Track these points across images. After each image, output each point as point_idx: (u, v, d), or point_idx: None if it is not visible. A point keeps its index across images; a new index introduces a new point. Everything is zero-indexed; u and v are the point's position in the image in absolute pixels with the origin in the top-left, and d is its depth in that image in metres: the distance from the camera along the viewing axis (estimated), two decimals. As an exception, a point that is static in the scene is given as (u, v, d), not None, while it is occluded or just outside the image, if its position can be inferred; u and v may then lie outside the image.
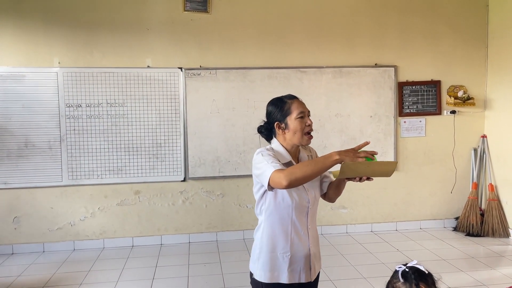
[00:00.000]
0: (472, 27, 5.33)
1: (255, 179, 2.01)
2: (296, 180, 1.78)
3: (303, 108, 2.02)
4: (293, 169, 1.80)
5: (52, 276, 4.12)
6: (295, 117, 1.98)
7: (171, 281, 3.96)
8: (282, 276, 1.98)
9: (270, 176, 1.82)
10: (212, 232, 5.08)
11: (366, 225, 5.35)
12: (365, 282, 3.84)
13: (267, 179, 1.84)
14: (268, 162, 1.88)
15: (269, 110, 2.06)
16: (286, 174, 1.78)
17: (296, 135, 1.99)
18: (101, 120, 4.79)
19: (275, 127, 2.03)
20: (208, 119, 4.94)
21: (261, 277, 1.99)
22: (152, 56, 4.86)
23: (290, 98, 2.05)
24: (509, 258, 4.41)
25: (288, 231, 1.99)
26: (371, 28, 5.18)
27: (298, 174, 1.78)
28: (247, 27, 4.99)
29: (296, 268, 2.00)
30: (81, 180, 4.80)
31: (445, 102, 5.33)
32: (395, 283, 1.63)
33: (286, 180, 1.77)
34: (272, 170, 1.83)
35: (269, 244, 1.99)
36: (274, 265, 1.98)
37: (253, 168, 1.98)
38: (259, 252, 2.01)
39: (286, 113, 2.00)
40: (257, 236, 2.06)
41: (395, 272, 1.64)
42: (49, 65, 4.71)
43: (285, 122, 2.00)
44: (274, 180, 1.82)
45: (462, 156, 5.44)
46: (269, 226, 2.00)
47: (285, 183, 1.78)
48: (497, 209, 5.09)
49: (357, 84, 5.16)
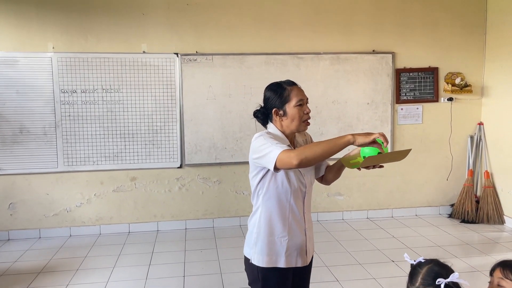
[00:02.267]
0: (470, 14, 5.29)
1: (252, 164, 1.99)
2: (306, 159, 1.75)
3: (302, 96, 1.99)
4: (304, 148, 1.78)
5: (49, 262, 4.12)
6: (294, 104, 1.96)
7: (168, 267, 3.98)
8: (279, 261, 1.98)
9: (278, 156, 1.79)
10: (209, 219, 5.09)
11: (362, 212, 5.37)
12: (360, 268, 3.87)
13: (273, 160, 1.80)
14: (272, 144, 1.85)
15: (267, 95, 2.02)
16: (297, 153, 1.75)
17: (294, 122, 1.97)
18: (96, 106, 4.75)
19: (273, 113, 2.00)
20: (204, 106, 4.91)
21: (259, 262, 1.99)
22: (147, 41, 4.81)
23: (290, 84, 2.01)
24: (504, 245, 4.45)
25: (286, 216, 1.99)
26: (369, 14, 5.14)
27: (309, 153, 1.75)
28: (244, 12, 4.93)
29: (293, 253, 2.01)
30: (77, 167, 4.78)
31: (442, 89, 5.32)
32: None
33: (297, 159, 1.74)
34: (280, 150, 1.80)
35: (267, 228, 1.98)
36: (272, 250, 1.98)
37: (252, 153, 1.95)
38: (256, 237, 2.01)
39: (285, 100, 1.96)
40: (253, 222, 2.04)
41: (436, 286, 1.52)
42: (43, 50, 4.65)
43: (283, 109, 1.97)
44: (283, 159, 1.78)
45: (458, 144, 5.44)
46: (267, 211, 1.99)
47: (295, 162, 1.74)
48: (492, 196, 5.12)
49: (354, 71, 5.13)
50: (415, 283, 1.56)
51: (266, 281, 1.99)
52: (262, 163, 1.91)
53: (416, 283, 1.56)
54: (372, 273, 3.75)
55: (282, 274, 2.00)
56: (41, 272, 3.89)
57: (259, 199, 2.01)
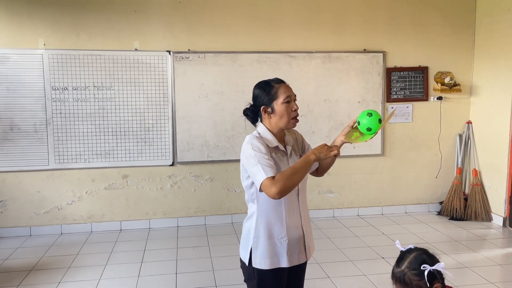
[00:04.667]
0: (459, 14, 5.36)
1: (244, 169, 2.01)
2: (286, 192, 1.85)
3: (290, 93, 2.02)
4: (283, 182, 1.83)
5: (40, 260, 4.11)
6: (282, 101, 1.99)
7: (160, 264, 3.99)
8: (282, 261, 2.01)
9: (262, 183, 1.86)
10: (201, 216, 5.11)
11: (353, 209, 5.42)
12: (351, 265, 3.92)
13: (258, 184, 1.88)
14: (261, 163, 1.89)
15: (256, 93, 2.06)
16: (280, 189, 1.82)
17: (282, 119, 2.00)
18: (88, 103, 4.73)
19: (261, 111, 2.03)
20: (196, 103, 4.92)
21: (262, 265, 2.00)
22: (140, 38, 4.80)
23: (277, 82, 2.04)
24: (491, 241, 4.53)
25: (282, 216, 2.01)
26: (361, 14, 5.18)
27: (288, 185, 1.84)
28: (236, 11, 4.94)
29: (295, 251, 2.04)
30: (68, 164, 4.76)
31: (432, 88, 5.38)
32: (415, 280, 1.61)
33: (278, 193, 1.83)
34: (264, 177, 1.85)
35: (266, 231, 2.00)
36: (273, 251, 2.00)
37: (244, 158, 1.97)
38: (256, 240, 2.01)
39: (273, 97, 1.99)
40: (250, 224, 2.05)
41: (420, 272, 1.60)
42: (34, 47, 4.61)
43: (271, 106, 2.00)
44: (265, 189, 1.86)
45: (447, 142, 5.52)
46: (263, 214, 2.01)
47: (277, 197, 1.84)
48: (480, 194, 5.20)
49: (345, 70, 5.18)
50: (401, 266, 1.64)
51: (262, 279, 2.01)
52: (250, 176, 1.97)
53: (402, 266, 1.64)
54: (363, 270, 3.80)
55: (280, 273, 2.02)
56: (32, 270, 3.87)
57: (254, 203, 2.03)
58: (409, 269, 1.62)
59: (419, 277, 1.59)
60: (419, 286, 1.59)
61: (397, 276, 1.65)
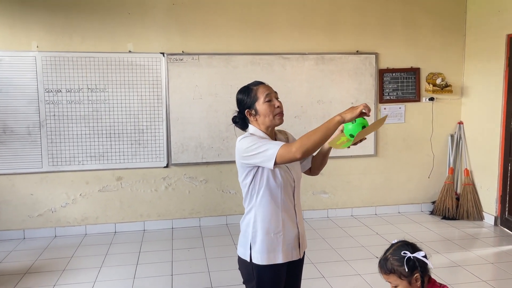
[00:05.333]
0: (450, 16, 5.43)
1: (241, 166, 2.04)
2: (308, 150, 1.83)
3: (269, 91, 2.07)
4: (302, 140, 1.84)
5: (34, 263, 4.09)
6: (263, 101, 2.04)
7: (156, 266, 3.99)
8: (278, 256, 2.04)
9: (278, 152, 1.86)
10: (195, 218, 5.11)
11: (347, 210, 5.46)
12: (346, 265, 3.95)
13: (273, 156, 1.87)
14: (265, 142, 1.93)
15: (238, 99, 2.12)
16: (298, 146, 1.83)
17: (267, 118, 2.05)
18: (82, 105, 4.72)
19: (246, 114, 2.08)
20: (190, 105, 4.93)
21: (259, 260, 2.04)
22: (133, 41, 4.80)
23: (256, 84, 2.10)
24: (483, 240, 4.59)
25: (278, 212, 2.05)
26: (353, 16, 5.23)
27: (309, 143, 1.83)
28: (230, 12, 4.97)
29: (289, 247, 2.07)
30: (62, 166, 4.74)
31: (424, 89, 5.45)
32: (395, 265, 1.74)
33: (300, 151, 1.82)
34: (278, 146, 1.88)
35: (263, 227, 2.04)
36: (270, 247, 2.03)
37: (241, 154, 2.00)
38: (253, 236, 2.05)
39: (253, 99, 2.05)
40: (247, 222, 2.09)
41: (401, 258, 1.73)
42: (26, 49, 4.60)
43: (254, 108, 2.05)
44: (284, 155, 1.86)
45: (439, 142, 5.59)
46: (261, 210, 2.04)
47: (299, 155, 1.83)
48: (472, 193, 5.27)
49: (338, 71, 5.22)
50: (386, 253, 1.80)
51: (261, 278, 2.04)
52: (256, 162, 1.96)
53: (387, 253, 1.80)
54: (357, 269, 3.83)
55: (277, 270, 2.05)
56: (27, 273, 3.86)
57: (253, 199, 2.06)
58: (392, 255, 1.77)
59: (399, 262, 1.72)
60: (399, 272, 1.73)
61: (381, 262, 1.79)
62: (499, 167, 4.94)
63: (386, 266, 1.76)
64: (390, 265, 1.74)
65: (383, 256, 1.80)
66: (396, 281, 1.74)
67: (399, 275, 1.72)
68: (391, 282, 1.76)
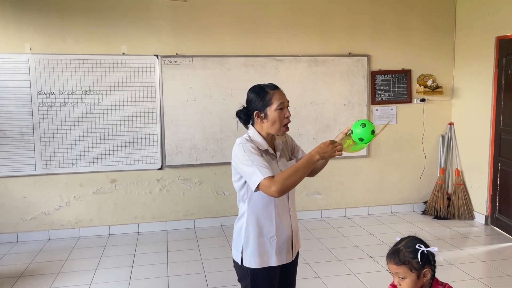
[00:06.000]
0: (440, 18, 5.52)
1: (235, 169, 2.05)
2: (286, 190, 1.89)
3: (284, 99, 2.06)
4: (284, 181, 1.86)
5: (28, 266, 4.07)
6: (275, 108, 2.02)
7: (151, 268, 3.99)
8: (271, 260, 2.06)
9: (260, 183, 1.89)
10: (190, 220, 5.12)
11: (340, 210, 5.51)
12: (340, 264, 3.99)
13: (255, 184, 1.90)
14: (256, 165, 1.92)
15: (250, 97, 2.08)
16: (278, 187, 1.86)
17: (274, 126, 2.04)
18: (75, 108, 4.71)
19: (254, 115, 2.06)
20: (185, 107, 4.94)
21: (251, 263, 2.05)
22: (127, 43, 4.80)
23: (272, 88, 2.07)
24: (474, 239, 4.66)
25: (272, 216, 2.05)
26: (345, 18, 5.28)
27: (289, 185, 1.88)
28: (224, 15, 4.99)
29: (283, 250, 2.09)
30: (55, 169, 4.72)
31: (415, 90, 5.52)
32: (409, 256, 1.73)
33: (278, 191, 1.86)
34: (262, 178, 1.88)
35: (256, 230, 2.05)
36: (262, 251, 2.04)
37: (236, 160, 2.01)
38: (246, 240, 2.06)
39: (267, 103, 2.03)
40: (240, 225, 2.10)
41: (414, 250, 1.73)
42: (19, 51, 4.58)
43: (264, 112, 2.04)
44: (264, 189, 1.89)
45: (430, 143, 5.66)
46: (254, 213, 2.05)
47: (277, 195, 1.87)
48: (462, 193, 5.35)
49: (331, 73, 5.27)
50: (398, 245, 1.79)
51: (254, 279, 2.06)
52: (245, 178, 1.98)
53: (399, 245, 1.78)
54: (352, 269, 3.87)
55: (270, 271, 2.07)
56: (21, 276, 3.84)
57: (245, 202, 2.07)
58: (405, 247, 1.76)
59: (413, 255, 1.72)
60: (411, 264, 1.72)
61: (393, 252, 1.77)
62: (489, 167, 5.02)
63: (399, 257, 1.74)
64: (403, 257, 1.73)
65: (394, 248, 1.78)
66: (406, 273, 1.72)
67: (410, 267, 1.71)
68: (399, 273, 1.74)
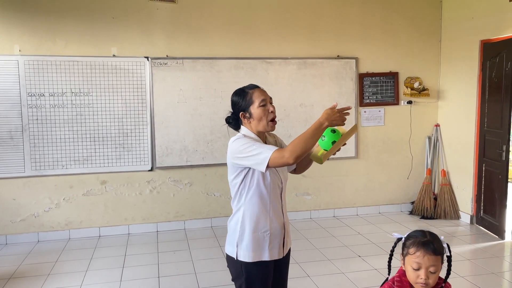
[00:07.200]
0: (427, 22, 5.63)
1: (232, 165, 2.10)
2: (299, 156, 1.90)
3: (265, 96, 2.14)
4: (294, 146, 1.91)
5: (18, 268, 4.05)
6: (258, 105, 2.10)
7: (142, 269, 4.01)
8: (264, 254, 2.11)
9: (271, 157, 1.92)
10: (180, 221, 5.14)
11: (329, 211, 5.58)
12: (330, 264, 4.05)
13: (266, 160, 1.93)
14: (258, 146, 1.99)
15: (233, 100, 2.18)
16: (290, 152, 1.89)
17: (261, 122, 2.11)
18: (65, 109, 4.71)
19: (241, 116, 2.15)
20: (175, 109, 4.96)
21: (245, 257, 2.10)
22: (118, 45, 4.81)
23: (251, 88, 2.17)
24: (460, 238, 4.76)
25: (267, 211, 2.12)
26: (334, 21, 5.36)
27: (300, 149, 1.90)
28: (214, 17, 5.04)
29: (275, 245, 2.14)
30: (45, 171, 4.71)
31: (402, 92, 5.62)
32: (440, 247, 1.67)
33: (292, 157, 1.89)
34: (271, 151, 1.93)
35: (251, 225, 2.10)
36: (257, 245, 2.10)
37: (234, 154, 2.06)
38: (241, 234, 2.11)
39: (249, 102, 2.11)
40: (235, 221, 2.15)
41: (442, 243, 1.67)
42: (9, 53, 4.56)
43: (249, 111, 2.12)
44: (277, 160, 1.92)
45: (417, 144, 5.77)
46: (250, 209, 2.11)
47: (291, 161, 1.90)
48: (448, 193, 5.45)
49: (320, 75, 5.34)
50: (426, 236, 1.73)
51: (249, 274, 2.11)
52: (248, 164, 2.02)
53: (428, 237, 1.72)
54: (341, 268, 3.94)
55: (265, 267, 2.12)
56: (11, 278, 3.83)
57: (242, 198, 2.12)
58: (435, 239, 1.69)
59: (443, 247, 1.69)
60: (442, 256, 1.67)
61: (431, 243, 1.66)
62: (474, 168, 5.13)
63: (438, 247, 1.65)
64: (440, 248, 1.66)
65: (426, 239, 1.69)
66: (439, 265, 1.66)
67: (442, 259, 1.66)
68: (435, 265, 1.65)
